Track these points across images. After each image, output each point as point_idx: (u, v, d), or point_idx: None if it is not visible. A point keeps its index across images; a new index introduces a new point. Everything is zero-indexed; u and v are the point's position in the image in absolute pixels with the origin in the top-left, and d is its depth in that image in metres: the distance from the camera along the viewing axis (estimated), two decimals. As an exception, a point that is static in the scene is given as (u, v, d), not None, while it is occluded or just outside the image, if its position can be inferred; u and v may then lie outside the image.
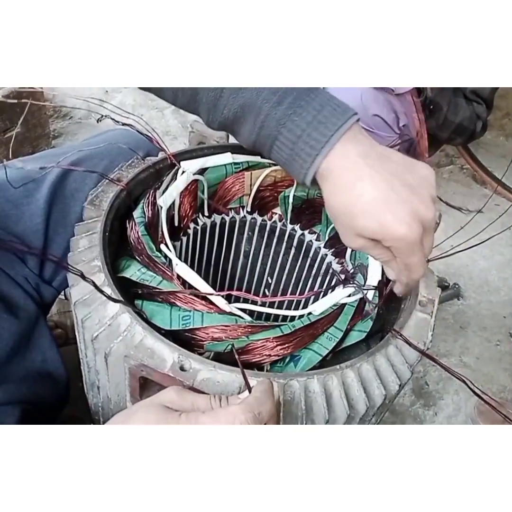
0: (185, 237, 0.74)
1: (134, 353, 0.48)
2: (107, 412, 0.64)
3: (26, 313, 0.69)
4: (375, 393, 0.52)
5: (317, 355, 0.56)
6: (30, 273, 0.72)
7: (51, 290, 0.75)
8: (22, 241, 0.71)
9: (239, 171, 0.76)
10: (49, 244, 0.74)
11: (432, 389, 1.33)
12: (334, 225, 0.58)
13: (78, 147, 0.80)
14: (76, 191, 0.75)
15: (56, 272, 0.75)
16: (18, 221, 0.72)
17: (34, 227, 0.72)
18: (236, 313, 0.55)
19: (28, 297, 0.71)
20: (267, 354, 0.54)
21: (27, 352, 0.69)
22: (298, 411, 0.49)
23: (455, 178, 2.04)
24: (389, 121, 1.45)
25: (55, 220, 0.74)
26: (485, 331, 1.50)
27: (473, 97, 1.56)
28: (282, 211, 0.80)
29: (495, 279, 1.67)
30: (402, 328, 0.57)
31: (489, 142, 2.20)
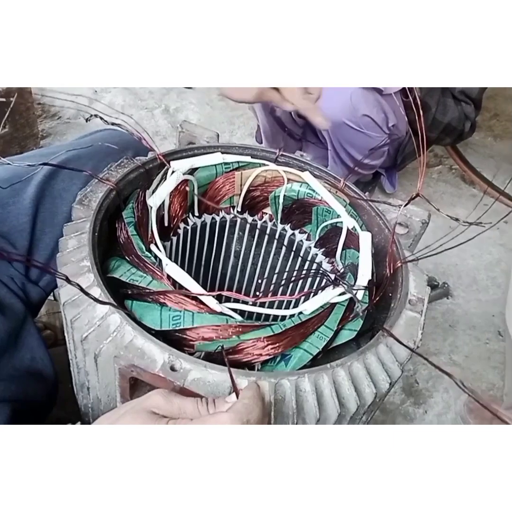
0: (175, 237, 0.74)
1: (124, 353, 0.48)
2: (97, 413, 0.64)
3: (12, 312, 0.69)
4: (365, 391, 0.52)
5: (308, 354, 0.56)
6: (16, 272, 0.72)
7: (37, 290, 0.75)
8: (7, 240, 0.71)
9: (229, 171, 0.76)
10: (36, 243, 0.73)
11: (422, 387, 1.34)
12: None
13: (66, 147, 0.80)
14: (64, 190, 0.75)
15: (42, 272, 0.75)
16: (4, 220, 0.71)
17: (20, 226, 0.72)
18: (226, 313, 0.55)
19: (14, 296, 0.70)
20: (258, 353, 0.54)
21: (15, 351, 0.68)
22: (289, 410, 0.49)
23: (444, 179, 2.06)
24: (379, 121, 1.46)
25: (42, 220, 0.73)
26: (474, 329, 1.51)
27: (462, 97, 1.57)
28: (272, 211, 0.80)
29: (484, 278, 1.68)
30: (392, 327, 0.57)
31: (478, 142, 2.22)
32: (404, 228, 0.71)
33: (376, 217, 0.71)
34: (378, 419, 1.25)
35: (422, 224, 0.70)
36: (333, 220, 0.73)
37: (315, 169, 0.77)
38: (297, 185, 0.76)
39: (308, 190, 0.75)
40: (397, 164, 1.74)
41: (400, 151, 1.65)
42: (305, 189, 0.76)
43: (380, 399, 0.56)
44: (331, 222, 0.73)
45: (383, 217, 0.71)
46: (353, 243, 0.69)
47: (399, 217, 0.70)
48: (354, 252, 0.67)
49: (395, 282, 0.64)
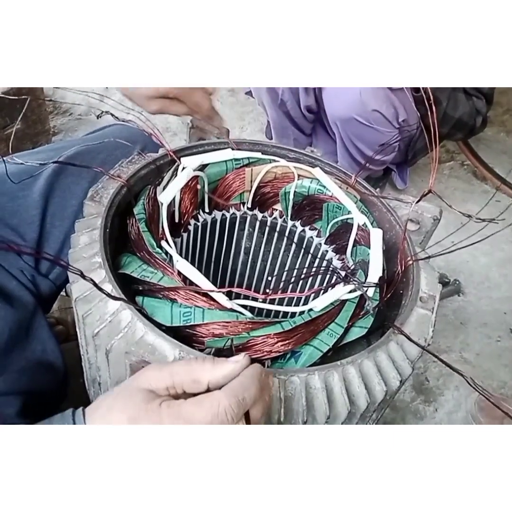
0: (186, 234, 0.74)
1: (135, 349, 0.48)
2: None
3: (22, 304, 0.69)
4: (376, 389, 0.52)
5: (318, 351, 0.56)
6: (25, 265, 0.72)
7: (47, 283, 0.75)
8: (16, 233, 0.71)
9: (239, 167, 0.76)
10: (46, 236, 0.74)
11: (432, 385, 1.33)
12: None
13: (75, 142, 0.80)
14: (73, 184, 0.75)
15: (52, 265, 0.75)
16: (13, 213, 0.72)
17: (30, 219, 0.72)
18: (237, 310, 0.55)
19: (23, 288, 0.71)
20: (268, 350, 0.54)
21: (26, 343, 0.69)
22: (299, 407, 0.49)
23: (456, 174, 2.04)
24: (389, 116, 1.45)
25: (52, 213, 0.74)
26: (486, 327, 1.50)
27: (473, 91, 1.55)
28: (282, 207, 0.80)
29: (496, 275, 1.66)
30: (403, 324, 0.57)
31: (490, 138, 2.19)
32: (415, 224, 0.70)
33: (387, 213, 0.71)
34: (388, 416, 1.24)
35: (434, 221, 0.70)
36: (343, 217, 0.73)
37: (325, 165, 0.77)
38: (308, 181, 0.76)
39: (318, 186, 0.75)
40: (408, 160, 1.72)
41: (411, 146, 1.64)
42: (316, 185, 0.75)
43: (390, 397, 0.56)
44: (342, 219, 0.73)
45: (394, 213, 0.70)
46: (364, 239, 0.68)
47: (411, 214, 0.69)
48: (365, 249, 0.67)
49: (406, 279, 0.64)
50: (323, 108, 1.55)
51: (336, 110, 1.49)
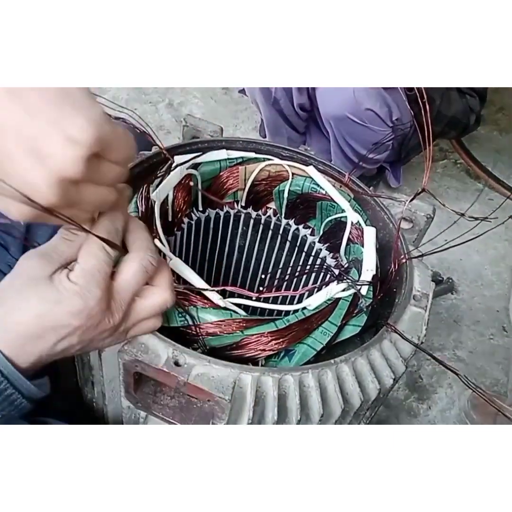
0: (179, 232, 0.74)
1: (128, 348, 0.48)
2: (101, 407, 0.64)
3: None
4: (369, 387, 0.52)
5: (312, 350, 0.56)
6: (13, 260, 0.71)
7: None
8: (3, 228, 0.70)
9: (233, 165, 0.75)
10: (34, 231, 0.73)
11: (426, 383, 1.34)
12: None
13: None
14: None
15: None
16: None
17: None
18: (230, 308, 0.55)
19: None
20: (262, 348, 0.54)
21: None
22: (292, 405, 0.49)
23: (449, 173, 2.05)
24: (382, 114, 1.45)
25: None
26: (479, 325, 1.51)
27: (466, 90, 1.56)
28: (276, 205, 0.79)
29: (489, 273, 1.67)
30: (396, 322, 0.57)
31: (483, 136, 2.20)
32: (408, 223, 0.71)
33: (380, 211, 0.71)
34: (382, 414, 1.25)
35: (427, 219, 0.70)
36: (337, 215, 0.73)
37: (319, 163, 0.77)
38: (301, 180, 0.76)
39: (312, 184, 0.75)
40: (402, 158, 1.73)
41: (405, 145, 1.64)
42: (309, 183, 0.75)
43: (384, 395, 0.56)
44: (336, 217, 0.73)
45: (388, 211, 0.70)
46: (357, 238, 0.68)
47: (404, 212, 0.69)
48: (358, 247, 0.67)
49: (399, 278, 0.64)
50: (316, 107, 1.55)
51: (329, 108, 1.49)
